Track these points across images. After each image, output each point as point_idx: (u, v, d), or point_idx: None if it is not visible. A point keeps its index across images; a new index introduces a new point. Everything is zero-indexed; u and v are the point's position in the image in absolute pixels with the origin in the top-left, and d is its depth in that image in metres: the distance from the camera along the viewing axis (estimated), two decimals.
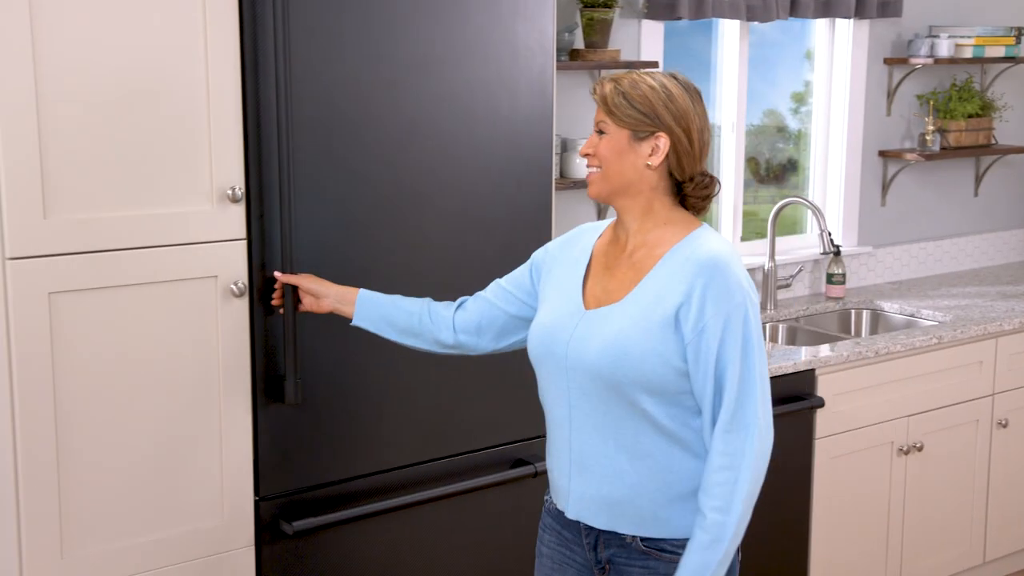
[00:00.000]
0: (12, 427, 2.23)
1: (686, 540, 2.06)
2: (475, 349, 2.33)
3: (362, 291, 2.39)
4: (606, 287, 2.09)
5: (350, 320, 2.55)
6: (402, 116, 2.60)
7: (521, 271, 2.28)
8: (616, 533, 2.09)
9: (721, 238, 2.07)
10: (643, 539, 2.07)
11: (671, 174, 2.07)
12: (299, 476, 2.58)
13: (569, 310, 2.11)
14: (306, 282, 2.43)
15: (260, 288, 2.47)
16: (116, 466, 2.35)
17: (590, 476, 2.09)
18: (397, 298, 2.37)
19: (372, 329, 2.37)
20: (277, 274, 2.45)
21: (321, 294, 2.41)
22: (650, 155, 2.05)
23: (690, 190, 2.08)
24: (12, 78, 2.14)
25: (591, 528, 2.12)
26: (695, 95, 2.07)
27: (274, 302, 2.46)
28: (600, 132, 2.08)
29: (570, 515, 2.13)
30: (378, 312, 2.36)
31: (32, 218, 2.19)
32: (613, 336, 2.02)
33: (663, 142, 2.04)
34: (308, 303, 2.44)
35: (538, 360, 2.14)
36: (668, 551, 2.07)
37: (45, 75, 2.18)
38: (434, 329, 2.33)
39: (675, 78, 2.08)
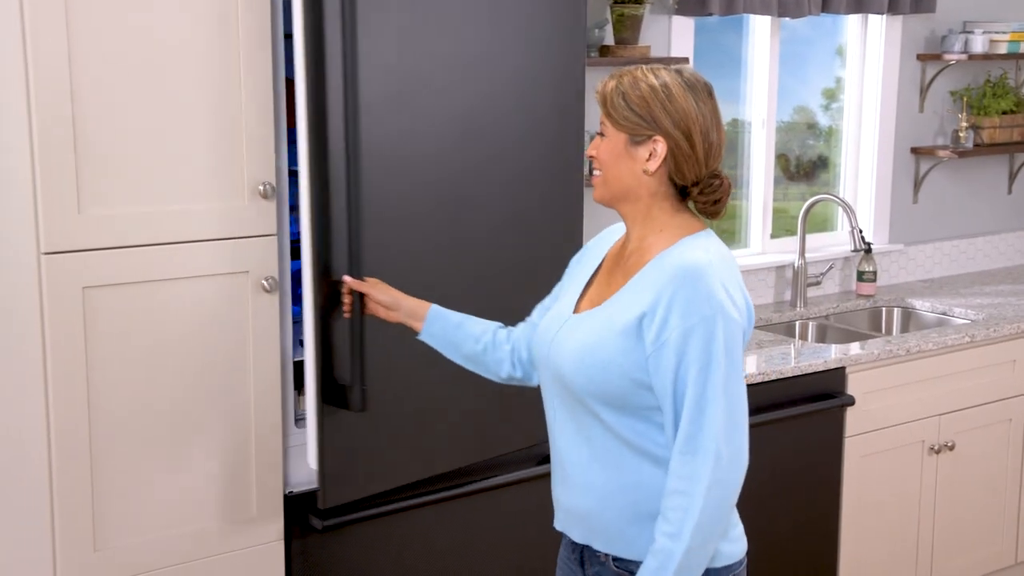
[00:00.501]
0: (46, 420, 2.25)
1: None
2: (532, 382, 2.22)
3: (432, 307, 2.26)
4: (601, 292, 2.01)
5: (416, 333, 2.43)
6: (434, 115, 2.60)
7: (559, 284, 2.19)
8: (592, 549, 2.01)
9: (710, 246, 1.93)
10: (615, 559, 1.98)
11: (673, 179, 1.95)
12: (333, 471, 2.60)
13: (560, 313, 2.03)
14: (377, 293, 2.30)
15: (325, 293, 2.36)
16: (148, 459, 2.37)
17: (568, 486, 2.01)
18: (466, 320, 2.24)
19: (437, 347, 2.26)
20: (346, 279, 2.32)
21: (392, 307, 2.30)
22: (648, 160, 1.92)
23: (695, 195, 1.95)
24: (47, 75, 2.16)
25: (575, 543, 2.05)
26: (701, 93, 1.92)
27: (346, 311, 2.34)
28: (602, 134, 1.97)
29: (557, 526, 2.07)
30: (444, 333, 2.24)
31: (66, 214, 2.21)
32: (578, 343, 1.94)
33: (660, 147, 1.91)
34: (372, 308, 2.33)
35: (533, 361, 2.09)
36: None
37: (79, 72, 2.20)
38: (492, 363, 2.21)
39: (680, 74, 1.94)
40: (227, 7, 2.33)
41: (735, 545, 1.97)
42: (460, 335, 2.23)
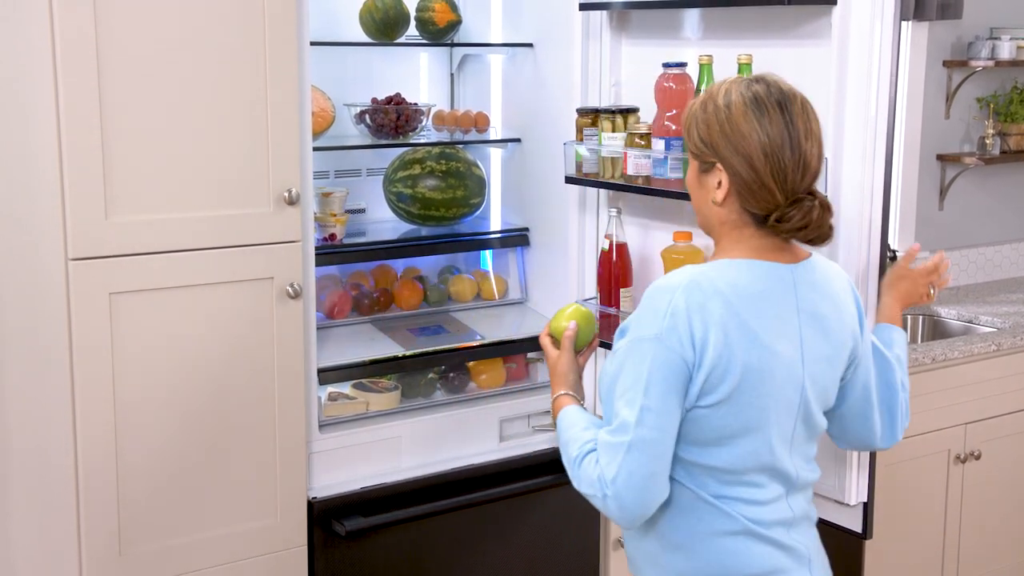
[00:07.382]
0: (73, 425, 2.26)
1: None
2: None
3: None
4: None
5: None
6: None
7: None
8: None
9: (711, 270, 1.75)
10: None
11: (747, 209, 1.74)
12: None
13: None
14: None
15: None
16: (173, 464, 2.37)
17: None
18: None
19: None
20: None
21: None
22: (717, 189, 1.75)
23: (771, 224, 1.72)
24: (76, 81, 2.18)
25: None
26: (769, 108, 1.70)
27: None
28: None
29: None
30: None
31: (94, 220, 2.22)
32: None
33: (724, 176, 1.73)
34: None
35: None
36: None
37: (108, 78, 2.21)
38: None
39: (753, 84, 1.73)
40: (254, 14, 2.34)
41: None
42: None
